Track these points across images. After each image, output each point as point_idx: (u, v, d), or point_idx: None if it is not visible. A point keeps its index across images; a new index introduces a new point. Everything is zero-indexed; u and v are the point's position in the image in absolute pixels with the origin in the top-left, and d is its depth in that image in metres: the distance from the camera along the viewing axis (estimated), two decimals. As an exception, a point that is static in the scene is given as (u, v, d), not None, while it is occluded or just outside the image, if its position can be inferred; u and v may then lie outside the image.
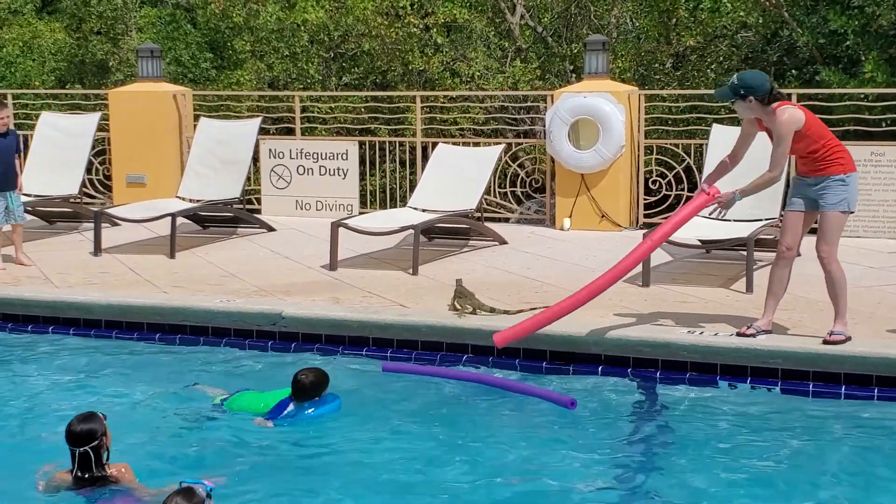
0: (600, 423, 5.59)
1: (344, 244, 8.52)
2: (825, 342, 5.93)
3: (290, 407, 5.56)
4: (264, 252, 9.10)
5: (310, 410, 5.57)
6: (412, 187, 9.99)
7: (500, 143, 10.15)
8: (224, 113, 12.31)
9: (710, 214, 6.19)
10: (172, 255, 8.81)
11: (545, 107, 10.45)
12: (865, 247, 8.73)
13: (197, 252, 9.09)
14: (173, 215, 8.97)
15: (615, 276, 6.21)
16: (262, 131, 10.91)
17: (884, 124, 9.84)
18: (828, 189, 5.95)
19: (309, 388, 5.58)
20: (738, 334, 6.09)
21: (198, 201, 9.89)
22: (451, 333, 6.60)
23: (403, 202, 10.13)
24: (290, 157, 10.95)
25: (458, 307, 6.77)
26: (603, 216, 9.79)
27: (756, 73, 6.23)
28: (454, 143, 10.59)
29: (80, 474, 4.48)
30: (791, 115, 5.89)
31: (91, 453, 4.46)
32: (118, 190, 11.34)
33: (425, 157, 10.14)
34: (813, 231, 6.25)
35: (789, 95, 9.56)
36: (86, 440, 4.47)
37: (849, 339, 5.94)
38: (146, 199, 10.10)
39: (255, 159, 10.85)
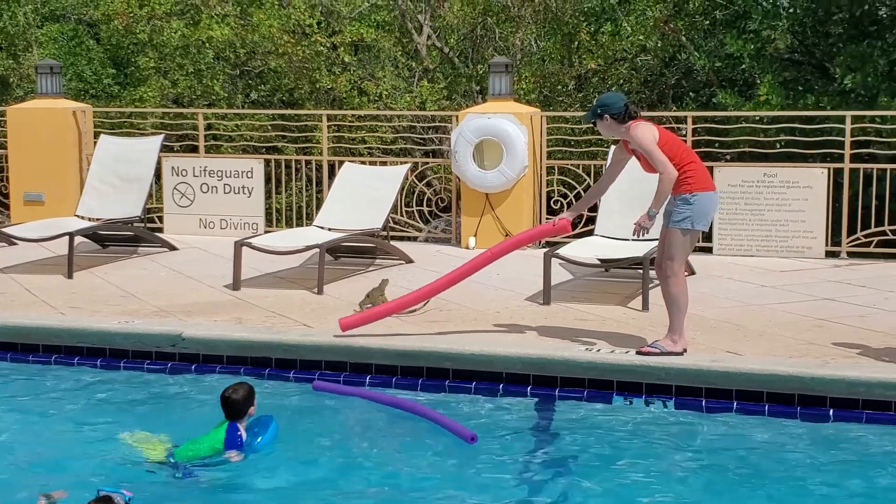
0: (502, 442, 5.64)
1: (248, 263, 8.46)
2: (637, 352, 6.15)
3: (241, 433, 5.37)
4: (166, 271, 8.99)
5: (258, 440, 5.42)
6: (319, 206, 9.98)
7: (406, 163, 10.21)
8: (128, 130, 12.15)
9: (634, 235, 6.34)
10: (70, 275, 8.65)
11: (452, 127, 10.54)
12: (759, 266, 8.99)
13: (96, 272, 8.94)
14: (71, 234, 8.81)
15: (451, 281, 6.89)
16: (166, 149, 10.79)
17: (778, 146, 10.16)
18: (674, 207, 6.17)
19: (243, 403, 5.44)
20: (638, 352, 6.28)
21: (97, 220, 9.73)
22: (355, 353, 6.60)
23: (311, 221, 10.11)
24: (194, 175, 10.84)
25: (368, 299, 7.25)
26: (507, 235, 9.89)
27: (613, 94, 6.58)
28: (362, 162, 10.60)
29: None
30: (644, 128, 6.18)
31: None
32: (16, 208, 11.10)
33: (333, 176, 10.13)
34: (704, 249, 6.42)
35: (685, 118, 9.87)
36: None
37: (676, 353, 6.10)
38: (44, 218, 9.89)
39: (159, 177, 10.73)
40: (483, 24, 15.06)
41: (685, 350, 6.22)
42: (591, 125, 6.50)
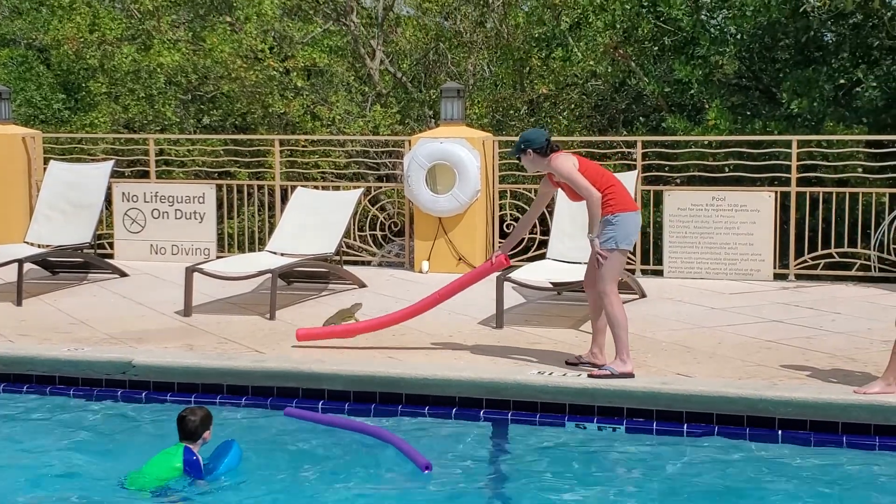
0: (455, 466, 5.64)
1: (200, 289, 8.41)
2: (589, 375, 6.25)
3: (197, 457, 5.32)
4: (116, 298, 8.91)
5: (221, 462, 5.38)
6: (272, 231, 9.95)
7: (359, 187, 10.22)
8: (78, 156, 12.04)
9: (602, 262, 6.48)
10: (19, 303, 8.55)
11: (405, 151, 10.58)
12: (708, 288, 9.10)
13: (45, 299, 8.84)
14: (20, 261, 8.71)
15: (404, 317, 7.20)
16: (117, 174, 10.71)
17: (726, 170, 10.31)
18: (602, 229, 6.35)
19: (199, 425, 5.41)
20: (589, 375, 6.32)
21: (47, 246, 9.63)
22: (306, 379, 6.58)
23: (263, 246, 10.07)
24: (145, 201, 10.78)
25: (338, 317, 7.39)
26: (460, 259, 9.94)
27: (535, 130, 6.83)
28: (315, 187, 10.60)
29: None
30: (564, 158, 6.44)
31: None
32: (-37, 235, 10.95)
33: (285, 201, 10.12)
34: (655, 272, 6.50)
35: (635, 142, 9.99)
36: None
37: (625, 376, 6.19)
38: (-8, 245, 9.78)
39: (109, 203, 10.64)
40: (435, 49, 15.16)
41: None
42: (517, 160, 6.73)
